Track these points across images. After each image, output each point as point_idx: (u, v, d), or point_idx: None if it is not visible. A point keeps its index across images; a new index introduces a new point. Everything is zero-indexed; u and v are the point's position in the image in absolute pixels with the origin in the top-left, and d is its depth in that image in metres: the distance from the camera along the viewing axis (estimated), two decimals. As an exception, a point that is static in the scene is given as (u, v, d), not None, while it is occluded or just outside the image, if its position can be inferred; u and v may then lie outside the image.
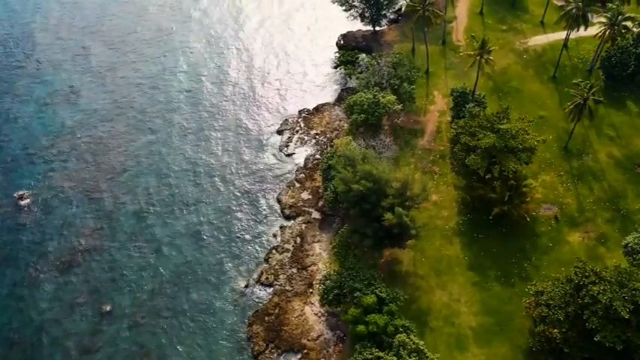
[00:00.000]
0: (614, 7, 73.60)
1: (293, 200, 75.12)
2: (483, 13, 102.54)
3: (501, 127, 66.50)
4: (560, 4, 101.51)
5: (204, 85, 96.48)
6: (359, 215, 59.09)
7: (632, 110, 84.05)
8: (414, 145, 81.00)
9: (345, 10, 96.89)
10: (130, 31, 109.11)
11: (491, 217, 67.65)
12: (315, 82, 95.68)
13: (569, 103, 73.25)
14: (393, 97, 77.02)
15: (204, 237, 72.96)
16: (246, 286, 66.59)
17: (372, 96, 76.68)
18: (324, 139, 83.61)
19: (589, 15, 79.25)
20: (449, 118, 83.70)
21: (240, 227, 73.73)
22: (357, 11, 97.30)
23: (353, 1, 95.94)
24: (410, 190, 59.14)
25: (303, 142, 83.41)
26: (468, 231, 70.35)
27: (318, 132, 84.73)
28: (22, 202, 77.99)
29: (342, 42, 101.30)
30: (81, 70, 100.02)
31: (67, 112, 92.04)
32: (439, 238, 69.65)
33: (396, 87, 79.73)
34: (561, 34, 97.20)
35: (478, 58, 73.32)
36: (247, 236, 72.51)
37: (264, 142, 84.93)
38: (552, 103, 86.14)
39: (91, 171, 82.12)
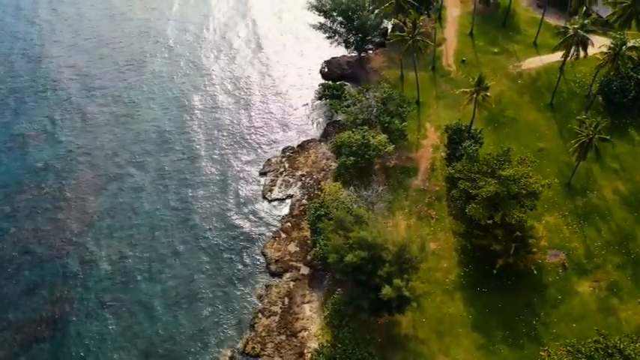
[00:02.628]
0: (618, 35, 68.86)
1: (279, 254, 68.94)
2: (473, 34, 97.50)
3: (503, 173, 61.23)
4: (553, 23, 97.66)
5: (179, 124, 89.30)
6: (353, 284, 53.34)
7: (634, 139, 79.31)
8: (407, 186, 75.39)
9: (327, 38, 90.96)
10: (97, 61, 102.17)
11: (495, 270, 62.50)
12: (299, 115, 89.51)
13: (573, 142, 68.33)
14: (383, 138, 71.36)
15: (182, 302, 65.99)
16: (231, 359, 60.28)
17: (361, 137, 70.96)
18: (311, 181, 77.56)
19: (588, 40, 74.32)
20: (443, 154, 78.26)
21: (221, 289, 67.07)
22: (341, 37, 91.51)
23: (335, 28, 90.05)
24: (408, 252, 53.46)
25: (288, 186, 77.22)
26: (471, 284, 64.92)
27: (304, 173, 78.65)
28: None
29: (325, 69, 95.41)
30: (43, 109, 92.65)
31: (31, 157, 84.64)
32: (440, 293, 64.11)
33: (386, 124, 74.06)
34: (556, 56, 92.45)
35: (474, 95, 67.83)
36: (230, 299, 65.86)
37: (246, 187, 78.25)
38: (551, 133, 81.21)
39: (56, 226, 74.79)
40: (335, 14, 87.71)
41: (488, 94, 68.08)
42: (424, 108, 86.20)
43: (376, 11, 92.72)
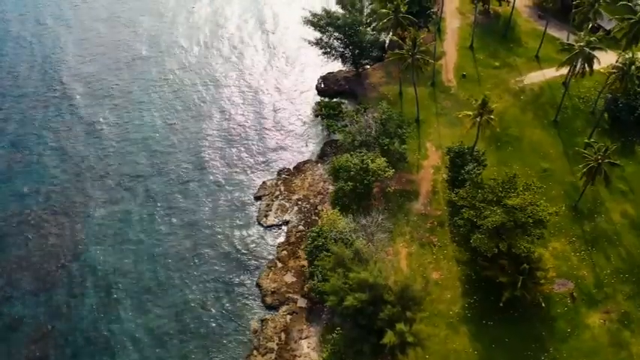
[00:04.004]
0: (627, 55, 66.16)
1: (275, 285, 65.82)
2: (474, 47, 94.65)
3: (509, 202, 58.34)
4: (555, 35, 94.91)
5: (169, 145, 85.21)
6: (353, 324, 50.37)
7: (641, 157, 77.18)
8: (407, 211, 72.41)
9: (324, 54, 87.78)
10: (87, 77, 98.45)
11: (501, 303, 59.64)
12: (294, 134, 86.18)
13: (581, 166, 65.56)
14: (383, 162, 68.30)
15: (173, 338, 62.68)
16: (225, 402, 57.34)
17: (359, 161, 67.92)
18: (308, 206, 74.47)
19: (594, 58, 71.54)
20: (444, 176, 75.42)
21: (214, 323, 63.86)
22: (337, 52, 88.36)
23: (332, 43, 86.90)
24: (411, 291, 50.50)
25: (284, 210, 74.02)
26: (476, 317, 62.03)
27: (301, 197, 75.51)
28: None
29: (322, 85, 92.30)
30: (28, 128, 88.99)
31: (17, 181, 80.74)
32: (444, 327, 61.18)
33: (385, 147, 71.07)
34: (559, 69, 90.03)
35: (478, 119, 64.91)
36: (223, 334, 62.59)
37: (241, 212, 74.84)
38: (556, 152, 78.45)
39: (41, 255, 71.39)
40: (331, 30, 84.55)
41: (492, 116, 65.11)
42: (424, 126, 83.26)
43: (373, 24, 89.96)
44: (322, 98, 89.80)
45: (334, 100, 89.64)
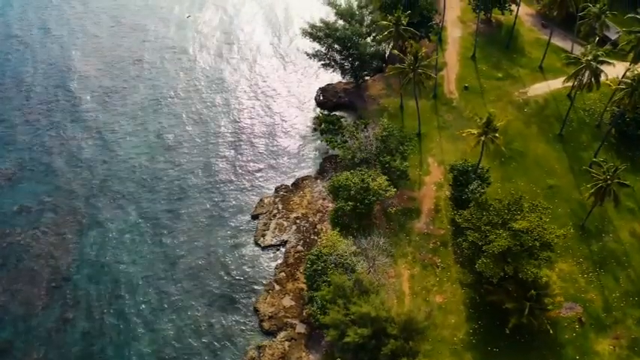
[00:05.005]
0: (636, 70, 64.03)
1: (273, 309, 63.55)
2: (476, 58, 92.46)
3: (516, 226, 56.18)
4: (560, 44, 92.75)
5: (162, 161, 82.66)
6: (354, 357, 48.22)
7: (649, 174, 75.01)
8: (409, 230, 70.22)
9: (323, 66, 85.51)
10: (77, 91, 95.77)
11: (507, 330, 57.49)
12: (293, 148, 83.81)
13: (589, 185, 63.42)
14: (384, 181, 66.10)
15: (167, 372, 60.71)
16: None
17: (359, 180, 65.73)
18: (307, 225, 72.20)
19: (602, 72, 69.42)
20: (447, 193, 73.29)
21: (209, 351, 61.33)
22: (337, 64, 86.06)
23: (331, 55, 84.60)
24: (414, 323, 48.35)
25: (282, 230, 71.79)
26: (481, 343, 59.79)
27: (299, 215, 73.24)
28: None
29: (321, 97, 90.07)
30: (20, 144, 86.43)
31: (5, 200, 78.03)
32: (448, 354, 58.96)
33: (386, 165, 68.87)
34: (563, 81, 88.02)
35: (482, 137, 62.71)
36: (219, 365, 60.73)
37: (237, 232, 72.43)
38: (561, 168, 76.27)
39: (30, 278, 68.79)
40: (330, 41, 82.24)
41: (497, 134, 62.93)
42: (426, 140, 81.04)
43: (373, 34, 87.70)
44: (321, 111, 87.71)
45: (333, 112, 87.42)
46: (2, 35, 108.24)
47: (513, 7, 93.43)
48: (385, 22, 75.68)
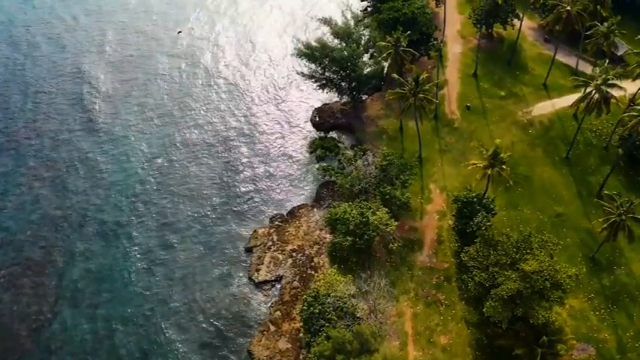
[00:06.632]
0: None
1: (268, 353, 59.92)
2: (477, 75, 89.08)
3: (526, 268, 52.78)
4: (562, 59, 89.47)
5: (152, 189, 78.95)
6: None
7: (660, 200, 71.74)
8: (411, 263, 66.76)
9: (319, 87, 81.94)
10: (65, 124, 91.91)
11: (517, 377, 54.20)
12: (288, 174, 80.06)
13: (600, 220, 60.13)
14: (385, 214, 62.61)
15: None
16: None
17: (358, 213, 62.20)
18: (303, 258, 68.62)
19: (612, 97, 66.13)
20: (450, 222, 69.86)
21: (201, 403, 58.37)
22: (333, 84, 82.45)
23: (327, 75, 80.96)
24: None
25: (277, 264, 68.16)
26: (488, 390, 56.80)
27: (295, 247, 69.65)
28: None
29: (317, 118, 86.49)
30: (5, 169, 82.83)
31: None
32: (454, 402, 55.96)
33: (386, 195, 65.38)
34: (568, 99, 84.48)
35: (489, 171, 59.26)
36: (211, 416, 57.15)
37: (230, 267, 68.69)
38: (569, 194, 72.93)
39: (10, 318, 65.06)
40: (327, 61, 78.57)
41: (504, 166, 59.50)
42: (427, 165, 77.56)
43: (371, 50, 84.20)
44: (317, 133, 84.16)
45: (330, 134, 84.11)
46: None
47: (515, 21, 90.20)
48: (384, 43, 72.18)
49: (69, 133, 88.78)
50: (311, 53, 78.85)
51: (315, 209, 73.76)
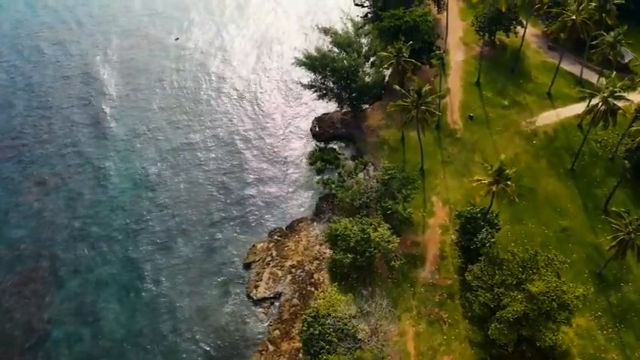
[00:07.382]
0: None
1: (267, 374, 58.54)
2: (480, 84, 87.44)
3: (533, 289, 51.19)
4: (567, 67, 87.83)
5: (146, 202, 76.85)
6: None
7: (670, 214, 70.07)
8: (413, 280, 65.06)
9: (319, 97, 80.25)
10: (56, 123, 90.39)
11: (523, 401, 52.70)
12: (287, 186, 78.13)
13: (609, 237, 58.52)
14: (386, 230, 60.97)
15: None
16: None
17: (359, 229, 60.56)
18: (303, 274, 66.88)
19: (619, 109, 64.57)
20: (453, 237, 68.19)
21: None
22: (333, 93, 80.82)
23: (327, 85, 79.33)
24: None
25: (276, 280, 66.43)
26: (494, 413, 55.18)
27: (295, 263, 67.93)
28: None
29: (316, 128, 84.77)
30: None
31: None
32: None
33: (388, 211, 63.73)
34: (572, 109, 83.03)
35: (493, 187, 57.63)
36: None
37: (228, 283, 66.72)
38: (574, 207, 71.24)
39: (9, 329, 63.20)
40: (327, 71, 76.86)
41: (509, 182, 57.88)
42: (429, 177, 75.86)
43: (372, 58, 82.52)
44: (317, 143, 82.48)
45: (330, 144, 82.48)
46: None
47: (519, 28, 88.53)
48: (385, 54, 70.52)
49: (72, 138, 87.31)
50: (311, 63, 77.21)
51: (315, 223, 72.02)
